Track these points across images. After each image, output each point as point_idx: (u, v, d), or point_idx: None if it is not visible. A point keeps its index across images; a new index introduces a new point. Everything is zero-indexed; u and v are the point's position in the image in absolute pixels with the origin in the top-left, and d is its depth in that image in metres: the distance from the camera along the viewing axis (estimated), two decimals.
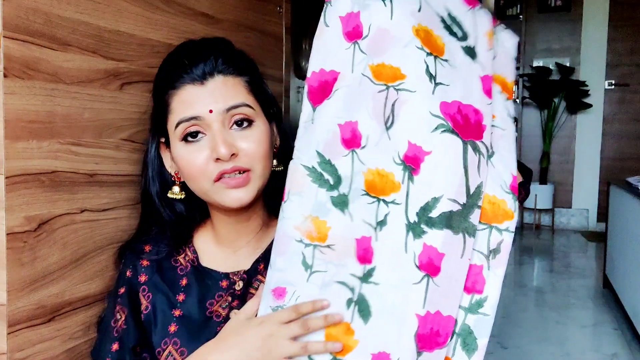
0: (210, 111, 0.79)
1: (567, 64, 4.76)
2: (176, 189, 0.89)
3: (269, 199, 0.90)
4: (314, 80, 0.78)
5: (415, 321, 0.70)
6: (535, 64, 4.89)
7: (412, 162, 0.71)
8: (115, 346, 0.85)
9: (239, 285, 0.87)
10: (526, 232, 4.81)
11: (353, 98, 0.76)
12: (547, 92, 4.71)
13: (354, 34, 0.78)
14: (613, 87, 4.77)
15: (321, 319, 0.74)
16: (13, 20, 0.72)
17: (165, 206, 0.90)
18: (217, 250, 0.91)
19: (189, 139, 0.81)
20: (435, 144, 0.71)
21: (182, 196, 0.89)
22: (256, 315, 0.77)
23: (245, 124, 0.82)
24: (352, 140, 0.75)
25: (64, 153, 0.81)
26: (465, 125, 0.72)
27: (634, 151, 4.74)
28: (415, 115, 0.72)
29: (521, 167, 0.83)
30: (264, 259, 0.88)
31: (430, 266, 0.70)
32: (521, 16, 4.76)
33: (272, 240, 0.87)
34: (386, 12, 0.76)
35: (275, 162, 0.88)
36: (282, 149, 0.90)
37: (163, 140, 0.88)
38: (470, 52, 0.76)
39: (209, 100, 0.80)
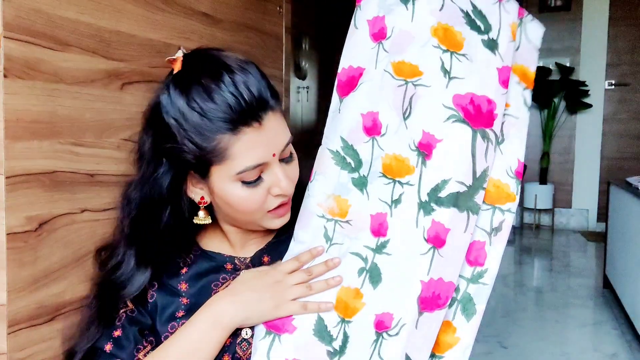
0: (274, 155, 0.80)
1: (567, 64, 4.76)
2: (202, 214, 0.86)
3: None
4: (343, 75, 0.88)
5: (419, 286, 0.78)
6: None
7: (425, 149, 0.80)
8: (117, 332, 0.84)
9: None
10: (526, 232, 4.81)
11: (375, 91, 0.84)
12: (547, 92, 4.71)
13: (379, 35, 0.86)
14: (613, 87, 4.77)
15: (322, 264, 0.83)
16: (14, 21, 0.72)
17: (175, 229, 0.87)
18: (221, 243, 0.93)
19: (252, 183, 0.80)
20: (446, 132, 0.79)
21: (209, 221, 0.87)
22: None
23: (290, 157, 0.85)
24: (373, 129, 0.84)
25: (64, 153, 0.81)
26: (476, 114, 0.79)
27: (634, 151, 4.74)
28: (429, 107, 0.80)
29: None
30: (268, 251, 0.91)
31: (437, 239, 0.78)
32: None
33: (274, 236, 0.93)
34: (408, 15, 0.84)
35: None
36: None
37: (192, 171, 0.83)
38: (491, 44, 0.82)
39: (270, 143, 0.79)
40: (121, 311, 0.86)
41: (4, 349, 0.74)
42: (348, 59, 0.88)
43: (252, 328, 0.84)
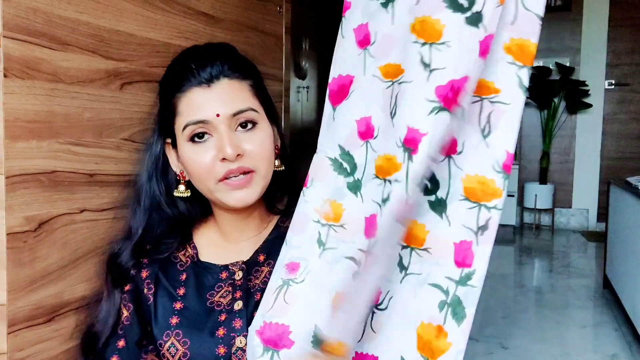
0: (218, 115, 0.82)
1: (567, 64, 4.76)
2: (182, 187, 0.91)
3: (269, 196, 0.92)
4: (334, 84, 0.89)
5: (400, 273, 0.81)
6: (535, 63, 4.88)
7: (410, 144, 0.78)
8: (121, 343, 0.86)
9: (239, 275, 0.89)
10: (526, 232, 4.80)
11: (366, 96, 0.85)
12: (547, 92, 4.71)
13: (364, 41, 0.87)
14: (613, 87, 4.77)
15: None
16: (13, 20, 0.72)
17: (169, 205, 0.91)
18: (220, 243, 0.93)
19: (196, 139, 0.83)
20: (430, 125, 0.78)
21: (188, 194, 0.91)
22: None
23: (249, 125, 0.85)
24: (366, 133, 0.85)
25: (63, 153, 0.81)
26: (453, 97, 0.78)
27: (634, 151, 4.74)
28: (412, 103, 0.79)
29: None
30: (263, 250, 0.92)
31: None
32: None
33: (270, 233, 0.93)
34: (388, 18, 0.84)
35: (277, 162, 0.91)
36: (283, 150, 0.94)
37: (169, 141, 0.89)
38: (475, 19, 0.79)
39: (216, 104, 0.82)
40: (123, 317, 0.87)
41: (4, 349, 0.74)
42: (337, 69, 0.89)
43: (245, 336, 0.83)
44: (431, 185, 0.82)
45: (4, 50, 0.71)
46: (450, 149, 0.81)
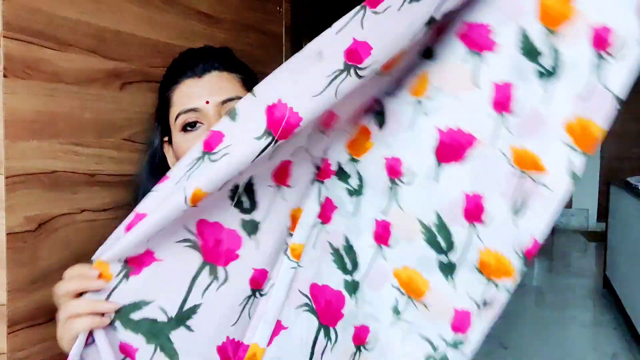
0: (207, 102, 0.83)
1: None
2: None
3: None
4: (448, 137, 0.74)
5: None
6: None
7: (529, 257, 0.72)
8: None
9: None
10: None
11: (485, 171, 0.73)
12: None
13: (501, 105, 0.72)
14: None
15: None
16: (13, 20, 0.72)
17: None
18: None
19: (188, 128, 0.84)
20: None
21: None
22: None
23: None
24: (474, 214, 0.74)
25: (64, 153, 0.81)
26: None
27: (634, 151, 4.74)
28: (549, 216, 0.70)
29: None
30: None
31: None
32: None
33: None
34: (541, 94, 0.69)
35: None
36: None
37: (166, 139, 0.90)
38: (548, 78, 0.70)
39: (206, 93, 0.84)
40: None
41: (4, 349, 0.74)
42: (456, 119, 0.74)
43: None
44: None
45: (5, 50, 0.71)
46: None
